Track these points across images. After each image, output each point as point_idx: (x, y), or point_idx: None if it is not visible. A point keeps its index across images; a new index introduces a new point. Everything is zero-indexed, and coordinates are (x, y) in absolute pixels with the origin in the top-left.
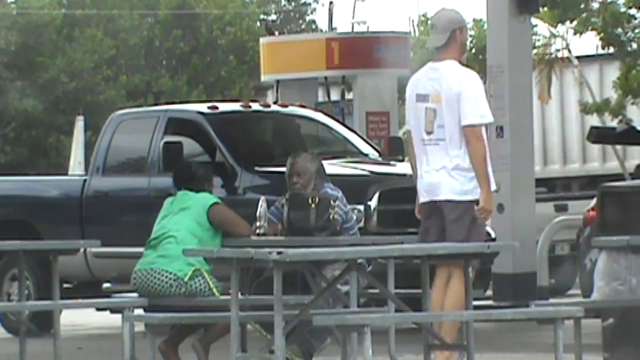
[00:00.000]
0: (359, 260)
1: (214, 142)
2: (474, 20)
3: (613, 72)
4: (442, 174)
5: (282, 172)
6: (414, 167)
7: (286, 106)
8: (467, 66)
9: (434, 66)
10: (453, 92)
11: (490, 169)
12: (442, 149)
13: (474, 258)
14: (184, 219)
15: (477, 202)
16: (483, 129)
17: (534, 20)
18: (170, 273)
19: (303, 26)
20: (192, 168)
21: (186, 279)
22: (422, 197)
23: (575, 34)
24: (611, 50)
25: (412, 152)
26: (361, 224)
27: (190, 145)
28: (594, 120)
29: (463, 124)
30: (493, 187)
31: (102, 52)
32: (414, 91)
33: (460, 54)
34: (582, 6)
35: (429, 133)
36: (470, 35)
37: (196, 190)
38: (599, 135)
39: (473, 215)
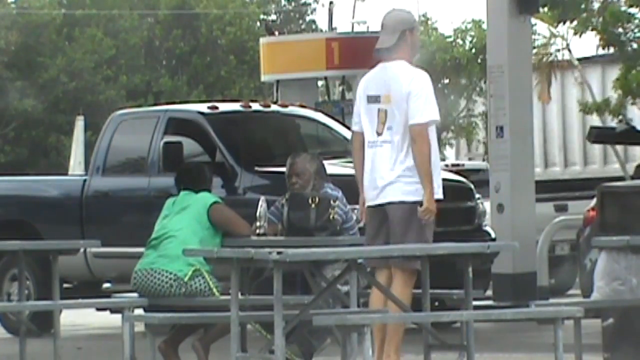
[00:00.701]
0: (359, 260)
1: (214, 142)
2: (474, 20)
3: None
4: (389, 177)
5: (282, 172)
6: (358, 170)
7: (286, 106)
8: (421, 67)
9: (384, 66)
10: (403, 93)
11: (435, 171)
12: (390, 151)
13: (474, 258)
14: (185, 218)
15: (418, 203)
16: (431, 130)
17: (533, 20)
18: (171, 273)
19: (303, 26)
20: (194, 169)
21: (186, 279)
22: (369, 201)
23: (575, 34)
24: (611, 50)
25: (357, 154)
26: (361, 224)
27: (190, 145)
28: (594, 120)
29: (410, 123)
30: (438, 190)
31: (102, 52)
32: (365, 92)
33: (410, 55)
34: (583, 6)
35: (378, 134)
36: (470, 35)
37: (196, 190)
38: (599, 135)
39: (418, 218)
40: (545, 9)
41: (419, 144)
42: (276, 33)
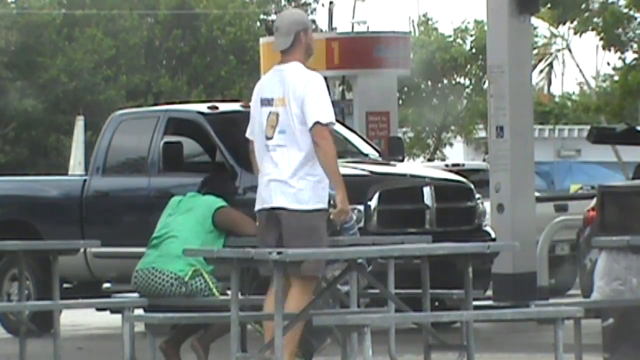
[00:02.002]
0: (359, 260)
1: (214, 142)
2: (475, 21)
3: None
4: (281, 182)
5: None
6: (255, 173)
7: None
8: (312, 69)
9: (278, 69)
10: (297, 96)
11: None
12: (282, 155)
13: (474, 258)
14: (188, 219)
15: (318, 210)
16: (330, 130)
17: (533, 20)
18: (171, 273)
19: None
20: (222, 174)
21: (186, 278)
22: (259, 204)
23: (575, 34)
24: (612, 50)
25: (254, 159)
26: (361, 224)
27: (190, 145)
28: None
29: (310, 126)
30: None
31: (102, 52)
32: (259, 95)
33: (305, 56)
34: (583, 6)
35: (268, 139)
36: (471, 35)
37: (204, 192)
38: (599, 136)
39: (314, 223)
40: (546, 8)
41: (322, 146)
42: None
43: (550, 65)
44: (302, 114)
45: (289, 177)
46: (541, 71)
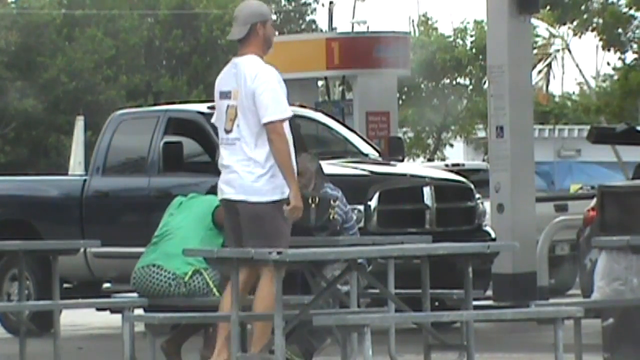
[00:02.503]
0: (359, 260)
1: (214, 142)
2: (476, 21)
3: None
4: (238, 174)
5: None
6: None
7: None
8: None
9: (235, 61)
10: (249, 89)
11: (294, 165)
12: (239, 149)
13: (474, 258)
14: (188, 217)
15: (274, 202)
16: (285, 125)
17: (532, 21)
18: (170, 272)
19: (303, 26)
20: None
21: (186, 278)
22: (221, 194)
23: (575, 34)
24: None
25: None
26: (361, 224)
27: (190, 145)
28: None
29: (263, 122)
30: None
31: (102, 52)
32: (218, 88)
33: (263, 49)
34: (583, 7)
35: (227, 132)
36: (471, 35)
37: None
38: (599, 136)
39: (271, 215)
40: (546, 9)
41: (276, 142)
42: (276, 33)
43: (549, 65)
44: (254, 108)
45: (244, 170)
46: (539, 72)
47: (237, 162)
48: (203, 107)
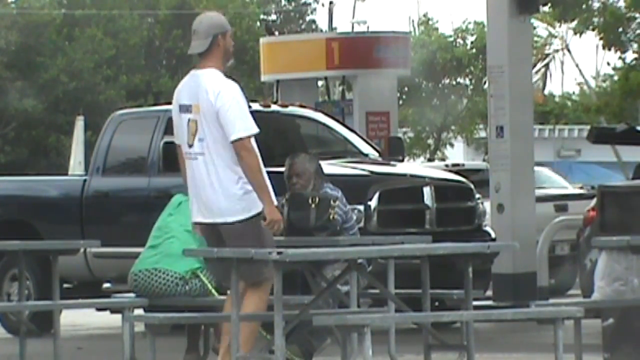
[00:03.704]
0: (359, 260)
1: None
2: (476, 22)
3: None
4: (209, 194)
5: (282, 172)
6: (184, 180)
7: (286, 106)
8: (229, 75)
9: (194, 74)
10: (212, 105)
11: (267, 179)
12: (204, 164)
13: (474, 258)
14: (188, 220)
15: (252, 217)
16: (252, 140)
17: (532, 21)
18: (176, 273)
19: (303, 26)
20: None
21: (187, 277)
22: (195, 217)
23: (575, 34)
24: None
25: (182, 166)
26: (361, 224)
27: None
28: None
29: (231, 139)
30: (273, 197)
31: (102, 52)
32: (177, 102)
33: (223, 61)
34: (583, 6)
35: (190, 146)
36: (471, 35)
37: None
38: (599, 136)
39: (252, 231)
40: (546, 8)
41: (246, 159)
42: (276, 33)
43: (546, 66)
44: (217, 124)
45: (216, 189)
46: (537, 72)
47: (205, 180)
48: None
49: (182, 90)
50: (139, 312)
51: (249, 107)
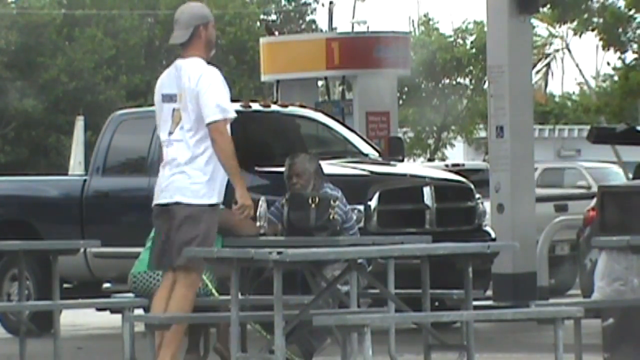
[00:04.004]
0: (359, 260)
1: None
2: (476, 22)
3: None
4: (177, 177)
5: (282, 172)
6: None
7: (286, 106)
8: (211, 64)
9: (177, 64)
10: (192, 91)
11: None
12: (179, 151)
13: (474, 258)
14: None
15: (210, 205)
16: (227, 126)
17: (532, 21)
18: None
19: (303, 26)
20: None
21: None
22: (156, 199)
23: (575, 34)
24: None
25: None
26: (361, 224)
27: None
28: None
29: (207, 122)
30: (244, 182)
31: (102, 52)
32: (160, 91)
33: (206, 51)
34: (583, 6)
35: (170, 134)
36: (472, 34)
37: None
38: (599, 136)
39: (204, 218)
40: (546, 8)
41: (219, 142)
42: (276, 33)
43: (548, 65)
44: (198, 109)
45: (185, 173)
46: (538, 72)
47: (177, 165)
48: None
49: (164, 80)
50: (139, 312)
51: (232, 98)
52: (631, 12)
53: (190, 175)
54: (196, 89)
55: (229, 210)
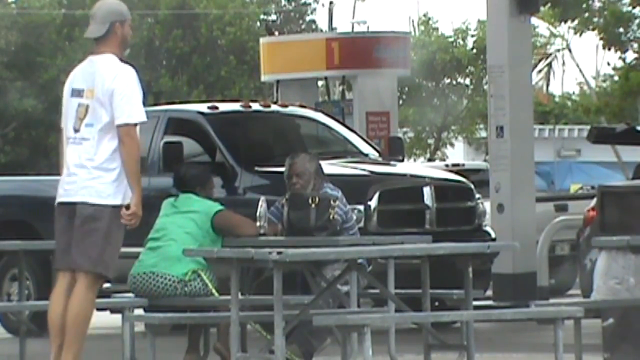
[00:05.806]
0: (359, 260)
1: (214, 142)
2: (479, 21)
3: None
4: (82, 176)
5: (282, 172)
6: (62, 167)
7: (286, 106)
8: (127, 62)
9: (91, 59)
10: (106, 89)
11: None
12: (86, 149)
13: (474, 258)
14: (187, 222)
15: (113, 207)
16: (137, 129)
17: (533, 20)
18: (173, 276)
19: (303, 26)
20: (191, 171)
21: (186, 279)
22: (59, 197)
23: (575, 33)
24: (612, 50)
25: (62, 149)
26: (361, 224)
27: (190, 145)
28: None
29: (117, 123)
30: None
31: None
32: (71, 85)
33: (120, 49)
34: (584, 6)
35: (76, 131)
36: (472, 35)
37: (196, 192)
38: (599, 136)
39: (106, 219)
40: (546, 7)
41: (127, 145)
42: (276, 33)
43: (549, 65)
44: (110, 108)
45: (91, 172)
46: (539, 71)
47: (83, 163)
48: (203, 107)
49: (76, 75)
50: (139, 312)
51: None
52: (635, 10)
53: (96, 175)
54: (110, 87)
55: (229, 211)
